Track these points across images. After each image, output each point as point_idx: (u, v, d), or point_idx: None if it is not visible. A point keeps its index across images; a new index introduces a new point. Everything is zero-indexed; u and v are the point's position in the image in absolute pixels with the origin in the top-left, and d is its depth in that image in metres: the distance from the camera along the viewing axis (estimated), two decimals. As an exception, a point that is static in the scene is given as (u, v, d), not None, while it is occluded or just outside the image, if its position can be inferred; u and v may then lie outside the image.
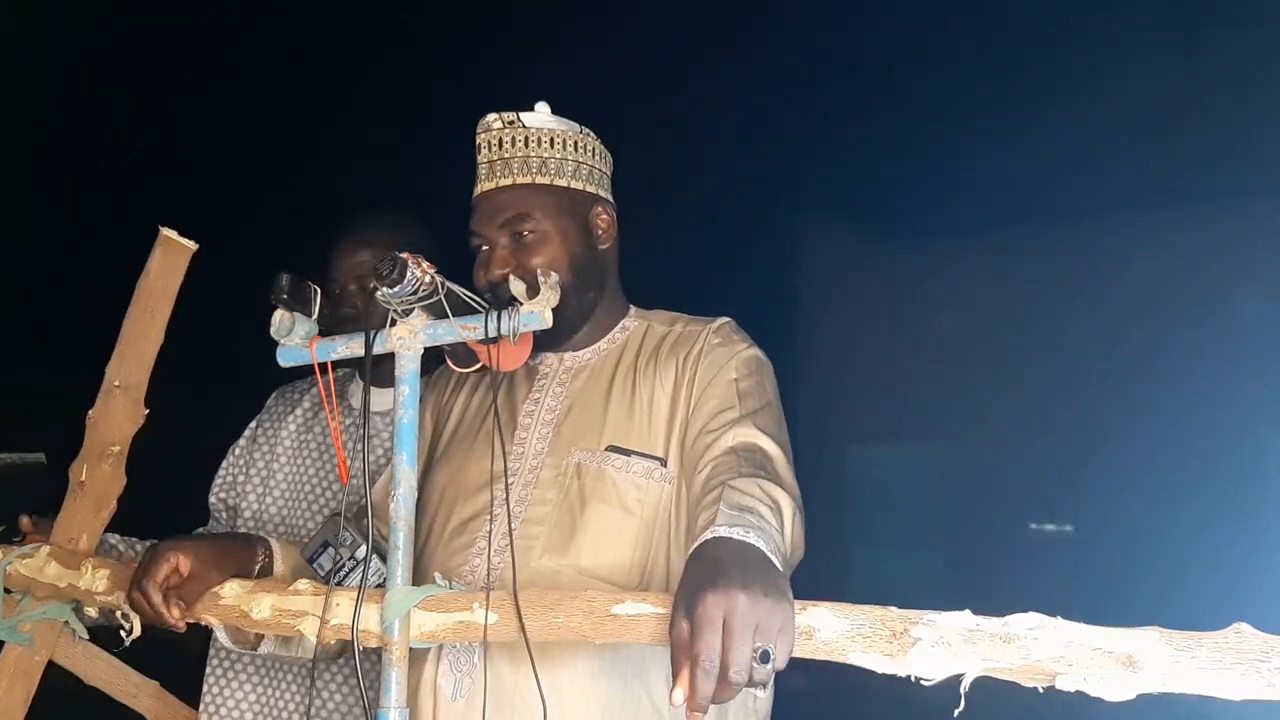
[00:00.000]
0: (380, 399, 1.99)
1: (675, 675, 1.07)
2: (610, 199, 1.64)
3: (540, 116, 1.58)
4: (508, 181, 1.55)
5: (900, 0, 3.16)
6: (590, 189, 1.60)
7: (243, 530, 1.98)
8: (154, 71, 3.60)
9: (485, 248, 1.56)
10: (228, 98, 3.57)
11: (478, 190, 1.58)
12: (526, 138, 1.56)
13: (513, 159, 1.56)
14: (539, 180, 1.55)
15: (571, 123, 1.60)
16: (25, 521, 1.84)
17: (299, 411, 2.02)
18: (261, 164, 3.38)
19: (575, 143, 1.59)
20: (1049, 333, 3.14)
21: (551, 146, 1.57)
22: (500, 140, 1.56)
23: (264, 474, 1.98)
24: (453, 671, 1.45)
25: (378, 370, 1.96)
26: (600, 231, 1.61)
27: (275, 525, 1.95)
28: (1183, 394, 2.84)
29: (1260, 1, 2.77)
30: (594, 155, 1.61)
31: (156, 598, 1.44)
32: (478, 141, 1.59)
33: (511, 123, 1.57)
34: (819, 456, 3.32)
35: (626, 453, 1.50)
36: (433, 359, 1.49)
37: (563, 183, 1.57)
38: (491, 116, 1.58)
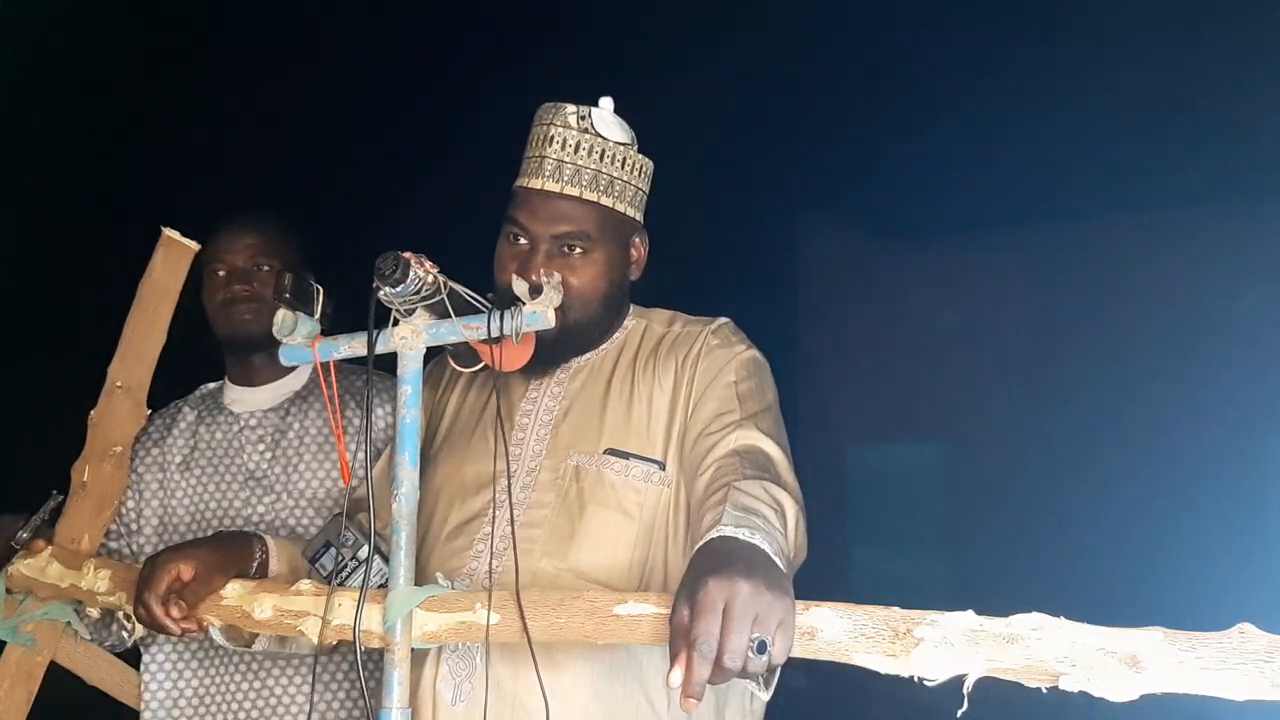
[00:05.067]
0: (249, 398, 1.98)
1: (673, 659, 1.07)
2: (642, 223, 1.63)
3: (608, 122, 1.55)
4: (575, 192, 1.52)
5: (903, 4, 3.16)
6: (635, 215, 1.59)
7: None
8: (155, 70, 3.60)
9: (525, 243, 1.53)
10: (230, 97, 3.57)
11: (538, 183, 1.53)
12: (603, 151, 1.53)
13: (584, 169, 1.52)
14: (603, 201, 1.53)
15: (629, 129, 1.58)
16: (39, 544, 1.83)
17: (183, 425, 1.98)
18: (263, 164, 3.38)
19: (637, 166, 1.58)
20: (1050, 332, 3.14)
21: (623, 167, 1.55)
22: (578, 144, 1.52)
23: (161, 495, 1.93)
24: (452, 676, 1.44)
25: (245, 365, 1.97)
26: (633, 262, 1.61)
27: (182, 535, 1.91)
28: (1186, 393, 2.84)
29: (1261, 3, 2.77)
30: (642, 177, 1.60)
31: (158, 610, 1.44)
32: (549, 132, 1.53)
33: (583, 120, 1.53)
34: (820, 456, 3.32)
35: (625, 456, 1.50)
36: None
37: (620, 207, 1.56)
38: (570, 109, 1.53)
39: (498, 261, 1.56)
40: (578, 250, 1.52)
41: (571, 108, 1.54)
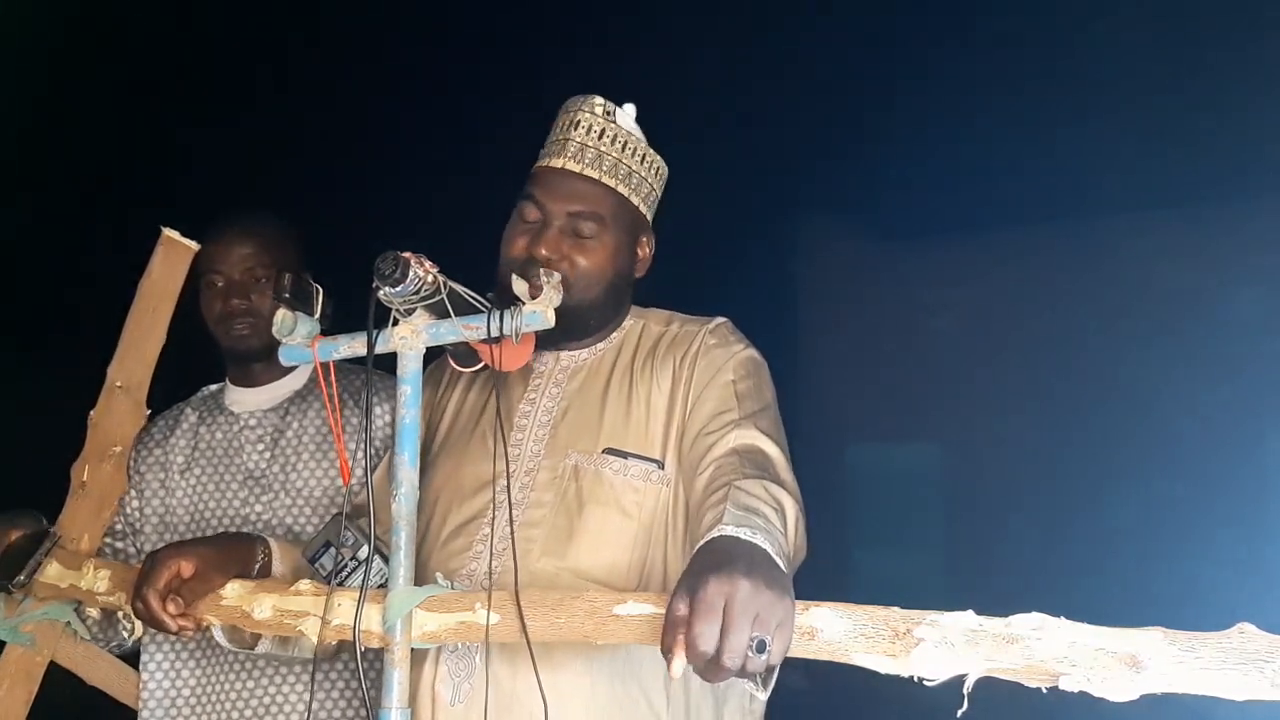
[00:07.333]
0: (249, 398, 1.98)
1: (668, 649, 1.06)
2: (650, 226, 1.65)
3: (629, 120, 1.58)
4: (594, 174, 1.54)
5: (902, 3, 3.16)
6: (646, 214, 1.62)
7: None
8: (154, 69, 3.60)
9: (538, 219, 1.54)
10: (229, 97, 3.57)
11: (558, 162, 1.55)
12: (625, 142, 1.56)
13: (606, 154, 1.55)
14: (620, 189, 1.56)
15: (643, 135, 1.61)
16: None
17: (185, 426, 1.97)
18: (263, 164, 3.38)
19: (655, 166, 1.61)
20: (1050, 333, 3.14)
21: (642, 162, 1.58)
22: (602, 130, 1.55)
23: (161, 494, 1.93)
24: (451, 677, 1.44)
25: (245, 369, 1.97)
26: (639, 260, 1.62)
27: (181, 535, 1.90)
28: (1187, 393, 2.84)
29: (1260, 3, 2.77)
30: (658, 177, 1.62)
31: (156, 605, 1.43)
32: (576, 117, 1.56)
33: (609, 114, 1.56)
34: (819, 456, 3.32)
35: (624, 455, 1.50)
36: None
37: (635, 201, 1.58)
38: (598, 100, 1.57)
39: (506, 238, 1.57)
40: (588, 231, 1.53)
41: (599, 99, 1.57)
